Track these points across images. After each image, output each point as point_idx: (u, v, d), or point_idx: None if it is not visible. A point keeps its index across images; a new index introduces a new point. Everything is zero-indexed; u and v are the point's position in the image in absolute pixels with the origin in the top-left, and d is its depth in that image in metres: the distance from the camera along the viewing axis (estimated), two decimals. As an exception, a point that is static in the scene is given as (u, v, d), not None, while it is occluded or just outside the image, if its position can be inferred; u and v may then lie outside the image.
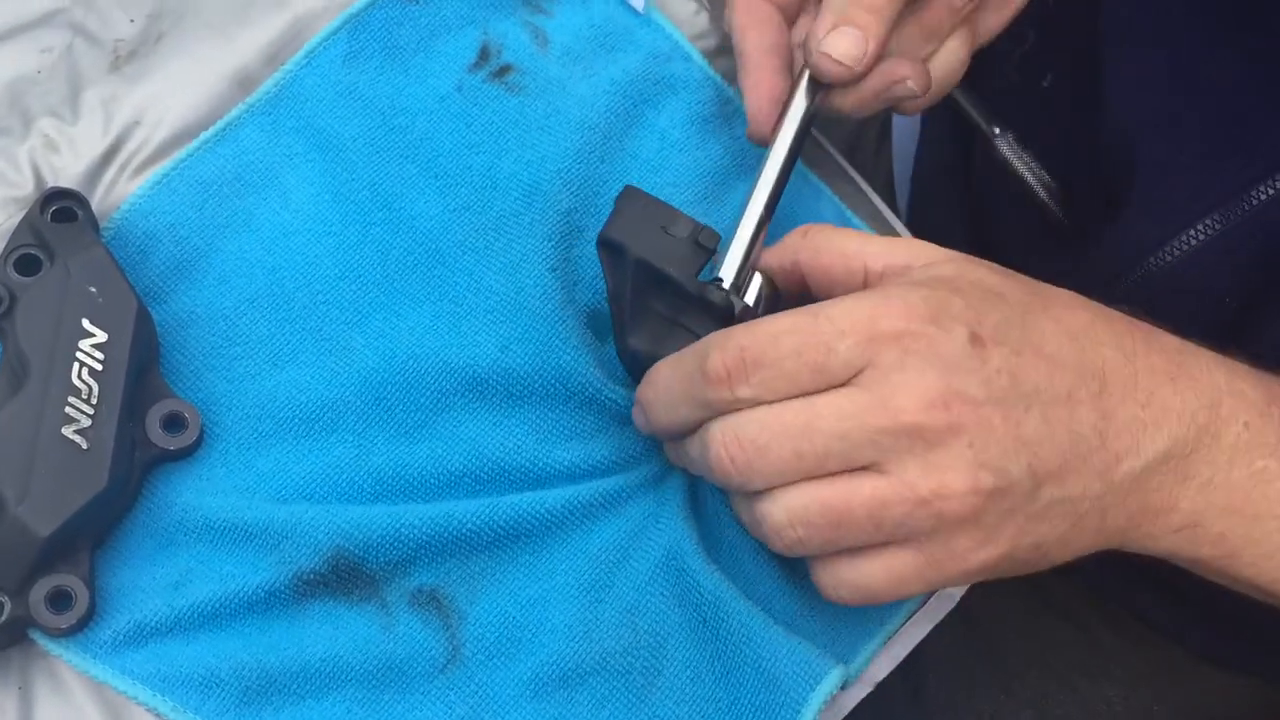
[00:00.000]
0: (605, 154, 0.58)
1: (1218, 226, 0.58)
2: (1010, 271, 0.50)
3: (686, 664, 0.51)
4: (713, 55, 0.62)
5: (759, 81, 0.56)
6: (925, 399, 0.46)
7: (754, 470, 0.47)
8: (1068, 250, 0.65)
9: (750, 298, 0.52)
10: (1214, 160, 0.59)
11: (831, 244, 0.52)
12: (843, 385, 0.46)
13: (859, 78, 0.54)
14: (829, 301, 0.48)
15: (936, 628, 0.55)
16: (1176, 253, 0.59)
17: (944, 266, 0.50)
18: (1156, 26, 0.60)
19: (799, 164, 0.61)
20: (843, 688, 0.53)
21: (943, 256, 0.51)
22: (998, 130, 0.66)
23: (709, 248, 0.50)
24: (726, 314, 0.51)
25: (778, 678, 0.49)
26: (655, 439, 0.53)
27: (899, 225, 0.62)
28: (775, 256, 0.53)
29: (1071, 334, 0.49)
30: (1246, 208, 0.58)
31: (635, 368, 0.53)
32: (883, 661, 0.54)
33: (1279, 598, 0.51)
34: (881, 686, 0.54)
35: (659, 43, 0.61)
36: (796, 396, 0.47)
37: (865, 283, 0.51)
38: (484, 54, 0.59)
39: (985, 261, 0.51)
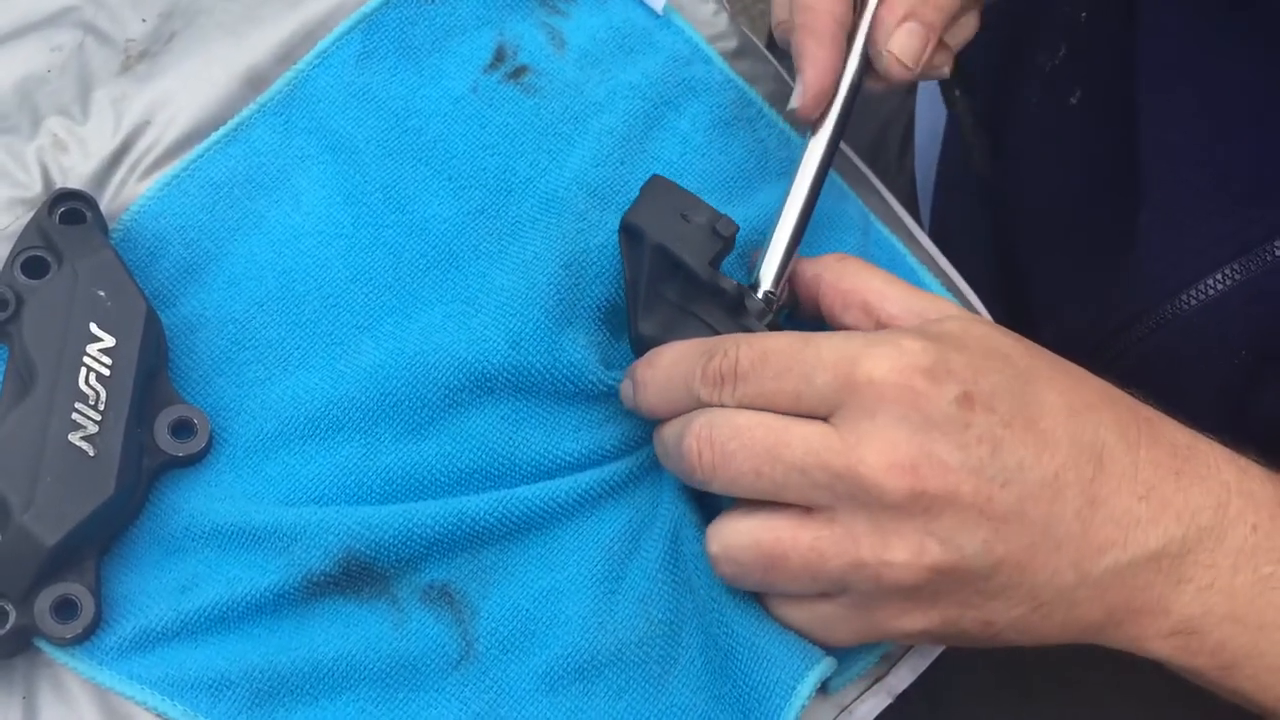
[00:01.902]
0: (624, 157, 0.57)
1: (1239, 275, 0.56)
2: (1021, 338, 0.49)
3: (701, 649, 0.51)
4: (733, 57, 0.61)
5: (823, 57, 0.53)
6: (889, 457, 0.44)
7: (715, 473, 0.47)
8: (1093, 272, 0.64)
9: (765, 292, 0.52)
10: (1239, 205, 0.56)
11: (859, 276, 0.51)
12: (822, 418, 0.46)
13: (917, 78, 0.53)
14: (828, 333, 0.47)
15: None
16: (1195, 301, 0.57)
17: (955, 321, 0.48)
18: (1191, 59, 0.59)
19: None
20: (859, 696, 0.52)
21: (960, 312, 0.50)
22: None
23: (725, 235, 0.50)
24: (736, 304, 0.51)
25: (773, 657, 0.48)
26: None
27: (921, 234, 0.61)
28: (803, 266, 0.52)
29: (1073, 410, 0.47)
30: (1270, 257, 0.55)
31: (645, 350, 0.53)
32: (903, 672, 0.53)
33: (1276, 715, 0.49)
34: (901, 698, 0.54)
35: (678, 46, 0.60)
36: (776, 414, 0.46)
37: (876, 323, 0.50)
38: (499, 55, 0.58)
39: (998, 325, 0.50)
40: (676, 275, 0.51)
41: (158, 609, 0.49)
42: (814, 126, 0.54)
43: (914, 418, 0.45)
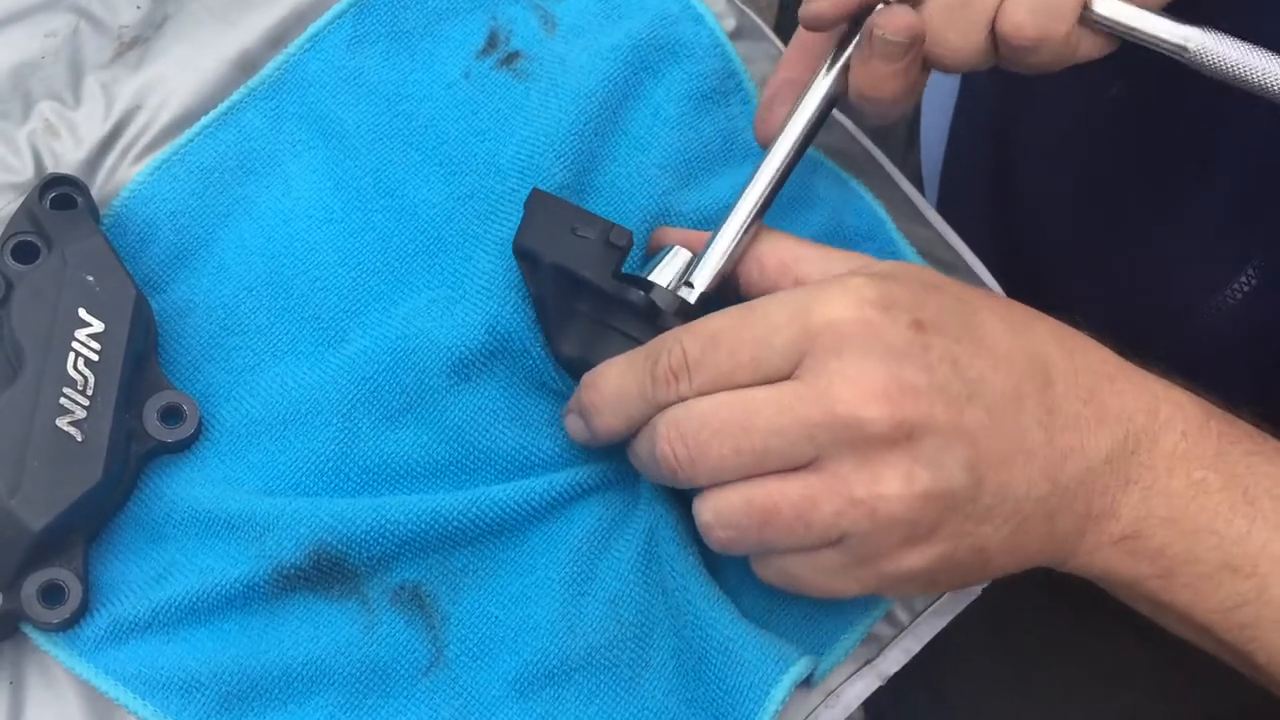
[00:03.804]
0: (599, 127, 0.56)
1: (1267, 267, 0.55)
2: (944, 275, 0.50)
3: (672, 653, 0.50)
4: (730, 38, 0.60)
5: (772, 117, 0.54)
6: (863, 389, 0.44)
7: (696, 468, 0.46)
8: (1113, 271, 0.63)
9: (683, 289, 0.51)
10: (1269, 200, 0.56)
11: (773, 241, 0.51)
12: (785, 379, 0.46)
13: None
14: (767, 296, 0.47)
15: (960, 629, 0.54)
16: (1231, 300, 0.57)
17: (885, 263, 0.49)
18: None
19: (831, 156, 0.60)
20: (847, 680, 0.52)
21: (878, 261, 0.50)
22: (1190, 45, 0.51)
23: (620, 246, 0.50)
24: (650, 313, 0.50)
25: (746, 660, 0.48)
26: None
27: (931, 213, 0.60)
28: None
29: (1012, 326, 0.47)
30: None
31: (572, 370, 0.52)
32: (894, 654, 0.53)
33: (1211, 631, 0.49)
34: (902, 688, 0.53)
35: (668, 5, 0.59)
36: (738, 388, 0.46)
37: (794, 280, 0.50)
38: (492, 40, 0.58)
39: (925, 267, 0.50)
40: (583, 290, 0.51)
41: (133, 599, 0.49)
42: (774, 134, 0.52)
43: (876, 348, 0.45)
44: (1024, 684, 0.67)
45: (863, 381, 0.44)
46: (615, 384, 0.49)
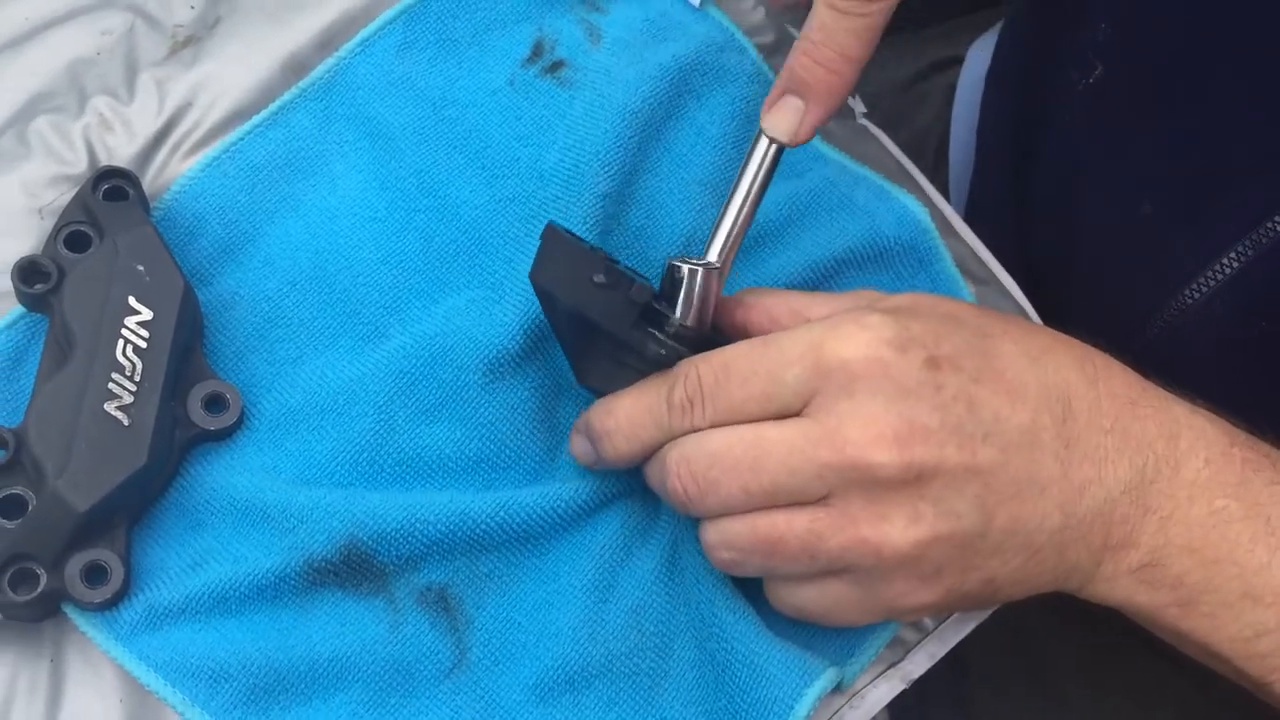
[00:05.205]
0: (643, 141, 0.57)
1: (1252, 251, 0.56)
2: (965, 301, 0.49)
3: (693, 664, 0.50)
4: (768, 52, 0.61)
5: (835, 104, 0.50)
6: (874, 431, 0.44)
7: (706, 504, 0.47)
8: (1116, 288, 0.64)
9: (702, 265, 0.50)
10: (1242, 182, 0.56)
11: (781, 294, 0.51)
12: (796, 415, 0.46)
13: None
14: (783, 331, 0.47)
15: (984, 640, 0.54)
16: (1216, 280, 0.57)
17: (899, 297, 0.49)
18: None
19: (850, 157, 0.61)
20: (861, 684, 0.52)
21: (890, 296, 0.50)
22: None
23: (640, 303, 0.49)
24: (668, 362, 0.49)
25: (771, 674, 0.48)
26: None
27: (963, 227, 0.61)
28: (722, 310, 0.52)
29: (1032, 356, 0.47)
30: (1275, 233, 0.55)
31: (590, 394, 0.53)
32: (919, 658, 0.53)
33: (1230, 661, 0.48)
34: (926, 697, 0.53)
35: (713, 33, 0.60)
36: (749, 423, 0.46)
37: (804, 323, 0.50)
38: (538, 50, 0.59)
39: (940, 295, 0.50)
40: (600, 331, 0.50)
41: (168, 586, 0.50)
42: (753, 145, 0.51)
43: (888, 389, 0.45)
44: (1049, 699, 0.67)
45: (873, 424, 0.45)
46: (630, 409, 0.49)
